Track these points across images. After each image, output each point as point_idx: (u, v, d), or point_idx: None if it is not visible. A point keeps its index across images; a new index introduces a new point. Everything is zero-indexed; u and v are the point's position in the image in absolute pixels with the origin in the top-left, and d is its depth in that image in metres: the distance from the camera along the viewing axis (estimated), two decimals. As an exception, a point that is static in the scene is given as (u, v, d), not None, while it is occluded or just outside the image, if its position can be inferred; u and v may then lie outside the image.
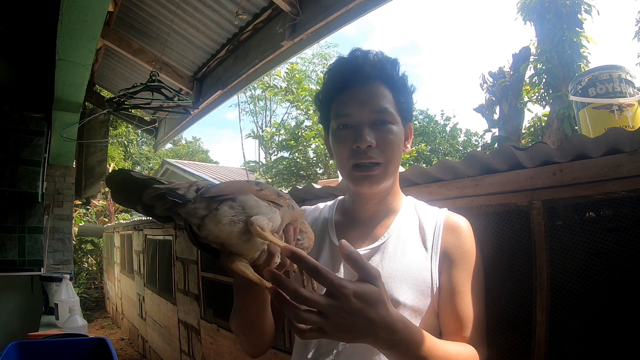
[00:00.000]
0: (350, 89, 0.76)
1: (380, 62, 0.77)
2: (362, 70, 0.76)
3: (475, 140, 16.71)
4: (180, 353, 3.69)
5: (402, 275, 0.71)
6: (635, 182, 0.85)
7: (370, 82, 0.75)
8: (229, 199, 0.50)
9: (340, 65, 0.79)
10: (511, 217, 1.08)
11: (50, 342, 1.31)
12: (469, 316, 0.69)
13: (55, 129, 3.17)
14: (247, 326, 0.72)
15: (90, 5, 1.82)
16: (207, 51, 3.44)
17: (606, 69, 2.11)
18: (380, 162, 0.74)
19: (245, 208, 0.50)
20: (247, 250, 0.52)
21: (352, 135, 0.74)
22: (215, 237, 0.50)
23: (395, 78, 0.77)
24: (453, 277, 0.72)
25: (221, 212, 0.49)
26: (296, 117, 11.83)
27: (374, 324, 0.51)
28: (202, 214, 0.49)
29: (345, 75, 0.77)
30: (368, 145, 0.72)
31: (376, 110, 0.74)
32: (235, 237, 0.50)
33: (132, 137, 14.24)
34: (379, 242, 0.76)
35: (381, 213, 0.81)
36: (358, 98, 0.75)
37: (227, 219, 0.49)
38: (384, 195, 0.80)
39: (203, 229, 0.49)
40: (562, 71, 6.22)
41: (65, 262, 3.91)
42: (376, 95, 0.75)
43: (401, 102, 0.78)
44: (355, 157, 0.74)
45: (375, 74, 0.76)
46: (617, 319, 0.89)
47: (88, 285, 9.39)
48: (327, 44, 16.18)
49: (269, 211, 0.52)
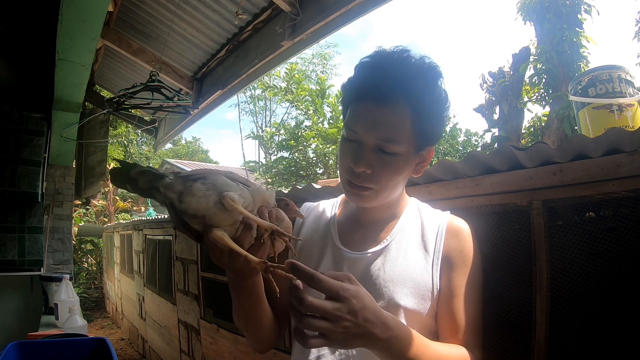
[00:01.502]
0: (367, 102, 0.67)
1: (410, 79, 0.66)
2: (383, 84, 0.65)
3: (475, 140, 16.69)
4: (180, 353, 3.69)
5: (404, 279, 0.71)
6: (635, 182, 0.85)
7: (389, 102, 0.66)
8: (201, 177, 0.57)
9: (365, 69, 0.70)
10: (511, 217, 1.08)
11: (50, 342, 1.31)
12: (465, 320, 0.70)
13: (55, 129, 3.16)
14: (246, 321, 0.73)
15: (90, 5, 1.82)
16: (207, 51, 3.44)
17: (606, 69, 2.11)
18: (373, 187, 0.71)
19: (216, 185, 0.57)
20: (223, 220, 0.56)
21: (352, 153, 0.70)
22: (194, 209, 0.55)
23: (423, 100, 0.67)
24: (452, 281, 0.72)
25: (195, 187, 0.56)
26: (296, 117, 11.83)
27: (371, 322, 0.52)
28: (179, 189, 0.56)
29: (365, 84, 0.68)
30: (362, 170, 0.69)
31: (383, 138, 0.67)
32: (211, 207, 0.55)
33: (132, 137, 14.23)
34: (382, 246, 0.76)
35: (385, 217, 0.80)
36: (369, 117, 0.67)
37: (201, 193, 0.55)
38: (387, 204, 0.79)
39: (182, 201, 0.55)
40: (562, 71, 6.23)
41: (65, 262, 3.91)
42: (389, 121, 0.66)
43: (422, 127, 0.68)
44: (350, 174, 0.71)
45: (398, 92, 0.65)
46: (617, 319, 0.89)
47: (88, 285, 9.39)
48: (327, 44, 16.19)
49: (238, 188, 0.58)
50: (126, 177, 0.60)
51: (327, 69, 16.64)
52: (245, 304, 0.69)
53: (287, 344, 1.99)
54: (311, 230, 0.85)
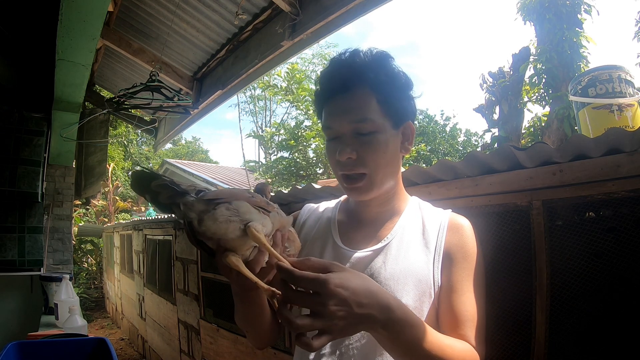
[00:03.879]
0: (334, 98, 0.74)
1: (363, 65, 0.73)
2: (343, 77, 0.72)
3: (475, 140, 16.70)
4: (180, 353, 3.69)
5: (405, 276, 0.71)
6: (635, 182, 0.85)
7: (351, 89, 0.72)
8: (225, 202, 0.57)
9: (326, 73, 0.77)
10: (511, 217, 1.08)
11: (50, 342, 1.31)
12: (465, 314, 0.69)
13: (55, 129, 3.16)
14: (248, 324, 0.75)
15: (90, 5, 1.82)
16: (207, 51, 3.44)
17: (606, 69, 2.12)
18: (365, 172, 0.73)
19: (239, 211, 0.57)
20: (240, 246, 0.57)
21: (335, 148, 0.73)
22: (213, 233, 0.56)
23: (379, 79, 0.72)
24: (452, 275, 0.72)
25: (218, 212, 0.55)
26: (296, 117, 11.84)
27: (366, 306, 0.52)
28: (200, 209, 0.55)
29: (329, 84, 0.75)
30: (348, 157, 0.72)
31: (355, 120, 0.71)
32: (230, 233, 0.56)
33: (132, 137, 14.24)
34: (383, 244, 0.76)
35: (385, 214, 0.81)
36: (339, 109, 0.73)
37: (223, 218, 0.55)
38: (385, 197, 0.80)
39: (202, 224, 0.55)
40: (562, 71, 6.23)
41: (65, 262, 3.91)
42: (356, 105, 0.71)
43: (390, 104, 0.73)
44: (341, 168, 0.74)
45: (357, 79, 0.72)
46: (616, 319, 0.89)
47: (88, 285, 9.39)
48: (327, 44, 16.17)
49: (260, 217, 0.59)
50: (146, 187, 0.58)
51: (327, 69, 16.59)
52: (247, 311, 0.72)
53: (287, 343, 1.99)
54: (312, 230, 0.86)
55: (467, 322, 0.69)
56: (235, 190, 0.62)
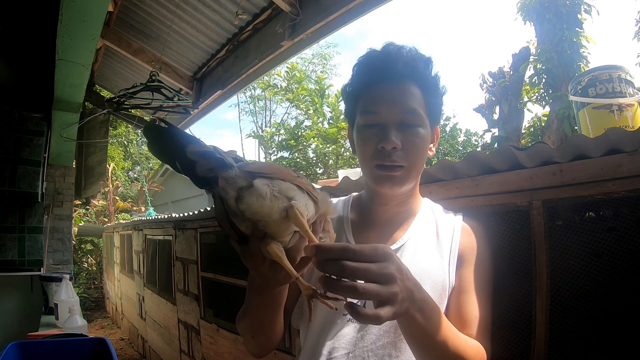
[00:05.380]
0: (380, 85, 0.73)
1: (413, 60, 0.73)
2: (394, 67, 0.72)
3: (475, 140, 16.71)
4: (180, 353, 3.69)
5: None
6: (635, 182, 0.85)
7: (401, 81, 0.72)
8: (268, 177, 0.48)
9: (372, 59, 0.75)
10: (511, 217, 1.08)
11: (50, 342, 1.31)
12: (474, 314, 0.69)
13: (55, 129, 3.16)
14: (258, 329, 0.69)
15: (90, 5, 1.82)
16: (207, 51, 3.45)
17: (606, 69, 2.11)
18: (404, 165, 0.72)
19: (282, 189, 0.48)
20: (282, 231, 0.49)
21: (377, 135, 0.71)
22: (254, 212, 0.46)
23: (427, 78, 0.74)
24: (463, 276, 0.73)
25: (262, 188, 0.46)
26: (296, 117, 11.85)
27: (411, 280, 0.51)
28: (241, 185, 0.46)
29: (376, 71, 0.73)
30: (393, 147, 0.70)
31: (405, 111, 0.71)
32: (275, 214, 0.47)
33: (132, 137, 14.25)
34: (397, 245, 0.76)
35: (400, 215, 0.80)
36: (388, 96, 0.72)
37: (268, 196, 0.46)
38: (405, 197, 0.79)
39: (242, 202, 0.46)
40: (562, 71, 6.23)
41: (65, 262, 3.91)
42: (407, 95, 0.72)
43: (431, 103, 0.75)
44: (379, 157, 0.72)
45: (407, 72, 0.72)
46: (616, 319, 0.89)
47: (88, 285, 9.38)
48: (327, 44, 16.17)
49: (304, 198, 0.50)
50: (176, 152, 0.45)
51: (327, 69, 16.64)
52: (263, 312, 0.66)
53: (287, 343, 1.99)
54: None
55: (475, 322, 0.69)
56: (279, 167, 0.52)
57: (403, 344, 0.69)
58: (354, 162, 8.83)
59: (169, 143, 0.45)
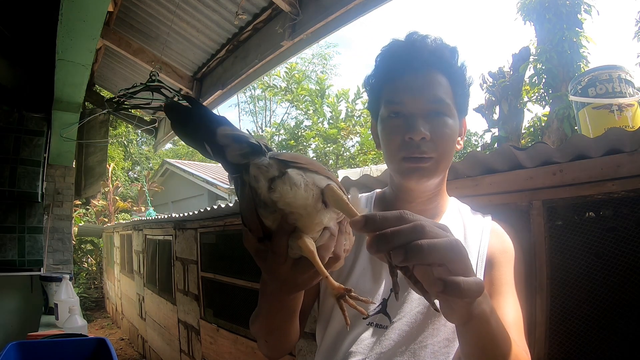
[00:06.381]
0: (406, 75, 0.70)
1: (439, 49, 0.71)
2: (419, 56, 0.70)
3: (475, 140, 16.69)
4: (180, 353, 3.69)
5: None
6: (635, 182, 0.85)
7: (427, 70, 0.70)
8: (302, 167, 0.44)
9: (396, 49, 0.73)
10: (511, 217, 1.08)
11: (50, 342, 1.31)
12: (509, 317, 0.66)
13: (55, 129, 3.17)
14: (271, 332, 0.66)
15: (90, 5, 1.82)
16: (207, 51, 3.45)
17: (606, 69, 2.11)
18: (433, 156, 0.69)
19: (315, 181, 0.44)
20: (315, 225, 0.45)
21: (404, 125, 0.69)
22: (287, 203, 0.43)
23: (454, 67, 0.72)
24: (494, 278, 0.70)
25: (296, 178, 0.43)
26: (296, 117, 11.84)
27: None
28: (273, 174, 0.43)
29: (401, 60, 0.71)
30: (422, 137, 0.67)
31: (432, 100, 0.69)
32: (310, 204, 0.43)
33: (132, 137, 14.25)
34: None
35: (426, 214, 0.74)
36: (413, 85, 0.69)
37: (303, 185, 0.43)
38: (431, 194, 0.76)
39: (274, 192, 0.42)
40: (562, 71, 6.23)
41: (65, 262, 3.91)
42: (433, 84, 0.69)
43: (458, 93, 0.72)
44: (407, 149, 0.69)
45: (433, 61, 0.70)
46: (616, 319, 0.89)
47: (88, 285, 9.38)
48: (327, 44, 16.23)
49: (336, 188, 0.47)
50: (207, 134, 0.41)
51: (327, 69, 16.66)
52: (277, 316, 0.61)
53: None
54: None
55: (513, 325, 0.65)
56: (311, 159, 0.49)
57: (423, 352, 0.66)
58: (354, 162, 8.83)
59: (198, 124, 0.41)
